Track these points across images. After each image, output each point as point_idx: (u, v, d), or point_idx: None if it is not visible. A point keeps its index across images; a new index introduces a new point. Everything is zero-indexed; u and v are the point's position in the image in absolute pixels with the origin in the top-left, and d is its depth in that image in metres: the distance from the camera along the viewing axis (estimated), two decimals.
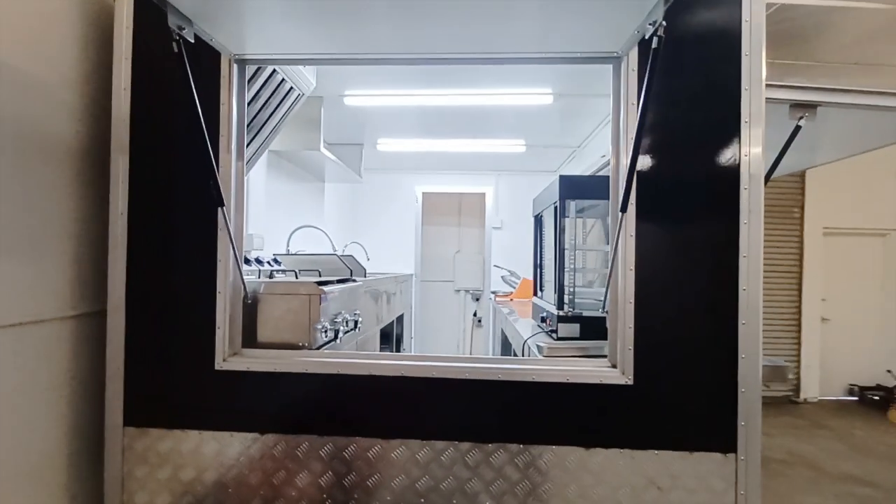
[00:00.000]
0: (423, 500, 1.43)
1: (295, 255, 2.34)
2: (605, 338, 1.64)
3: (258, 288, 1.62)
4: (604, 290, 1.91)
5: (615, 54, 1.36)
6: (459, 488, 1.42)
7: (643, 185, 1.37)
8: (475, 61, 1.52)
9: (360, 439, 1.45)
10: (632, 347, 1.38)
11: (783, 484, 3.57)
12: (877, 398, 5.89)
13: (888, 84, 5.99)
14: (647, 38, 1.09)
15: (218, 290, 1.48)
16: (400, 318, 3.51)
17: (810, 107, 1.67)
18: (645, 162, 1.36)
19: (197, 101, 1.27)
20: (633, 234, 1.38)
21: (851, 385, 6.18)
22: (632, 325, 1.38)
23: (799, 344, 6.08)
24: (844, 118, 2.06)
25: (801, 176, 5.94)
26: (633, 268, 1.38)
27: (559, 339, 1.72)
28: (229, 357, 1.50)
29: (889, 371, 5.98)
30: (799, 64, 5.96)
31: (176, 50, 1.14)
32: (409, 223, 4.93)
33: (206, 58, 1.41)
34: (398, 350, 3.55)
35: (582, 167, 3.33)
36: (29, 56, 1.31)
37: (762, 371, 1.38)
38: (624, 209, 1.33)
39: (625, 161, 1.40)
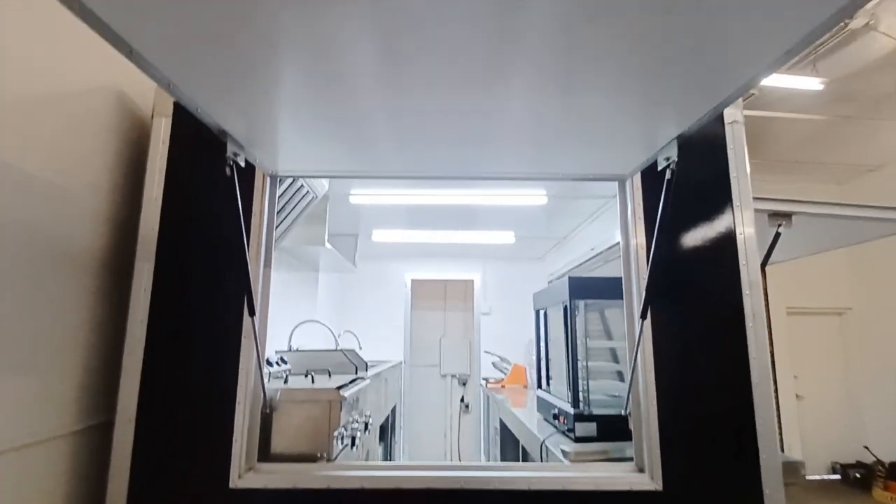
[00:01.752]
0: None
1: (299, 351, 2.30)
2: (622, 438, 1.65)
3: (275, 395, 1.58)
4: (614, 383, 1.95)
5: (623, 176, 1.52)
6: None
7: (657, 291, 1.47)
8: (479, 178, 1.60)
9: None
10: (658, 451, 1.41)
11: None
12: (858, 476, 5.92)
13: (826, 178, 6.63)
14: (659, 169, 1.24)
15: (238, 399, 1.44)
16: (393, 411, 3.40)
17: (786, 216, 1.86)
18: (657, 272, 1.47)
19: (242, 219, 1.32)
20: (651, 337, 1.46)
21: (833, 463, 6.21)
22: (657, 427, 1.42)
23: (779, 422, 6.15)
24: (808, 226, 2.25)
25: None
26: (653, 370, 1.44)
27: (577, 439, 1.72)
28: (245, 473, 1.42)
29: (866, 447, 6.07)
30: (751, 162, 6.47)
31: (229, 174, 1.21)
32: (397, 309, 4.94)
33: (244, 174, 1.48)
34: (391, 444, 3.39)
35: (569, 257, 3.50)
36: (61, 168, 1.35)
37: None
38: (644, 316, 1.41)
39: (634, 268, 1.52)
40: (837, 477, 6.14)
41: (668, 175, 1.21)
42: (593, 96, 1.00)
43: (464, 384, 5.54)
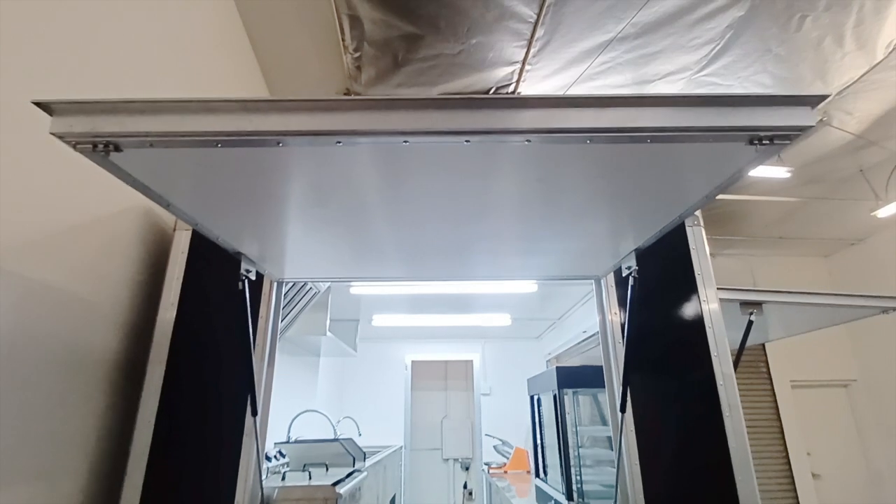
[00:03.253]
0: None
1: (297, 442, 2.33)
2: None
3: (272, 493, 1.62)
4: (612, 471, 1.97)
5: (597, 276, 1.67)
6: None
7: (635, 384, 1.56)
8: (472, 280, 1.78)
9: None
10: None
11: None
12: None
13: (812, 251, 6.82)
14: (623, 276, 1.39)
15: (236, 500, 1.48)
16: (392, 500, 3.31)
17: (756, 304, 1.99)
18: (635, 365, 1.58)
19: (250, 325, 1.45)
20: (633, 429, 1.53)
21: None
22: None
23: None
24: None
25: None
26: (638, 462, 1.50)
27: None
28: None
29: None
30: (735, 238, 6.82)
31: (241, 287, 1.37)
32: (398, 391, 4.92)
33: (254, 283, 1.64)
34: None
35: (564, 338, 3.58)
36: (87, 283, 1.49)
37: None
38: (623, 409, 1.50)
39: (613, 359, 1.62)
40: None
41: (630, 281, 1.36)
42: (566, 220, 1.17)
43: (466, 469, 5.35)
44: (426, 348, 5.11)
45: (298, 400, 3.32)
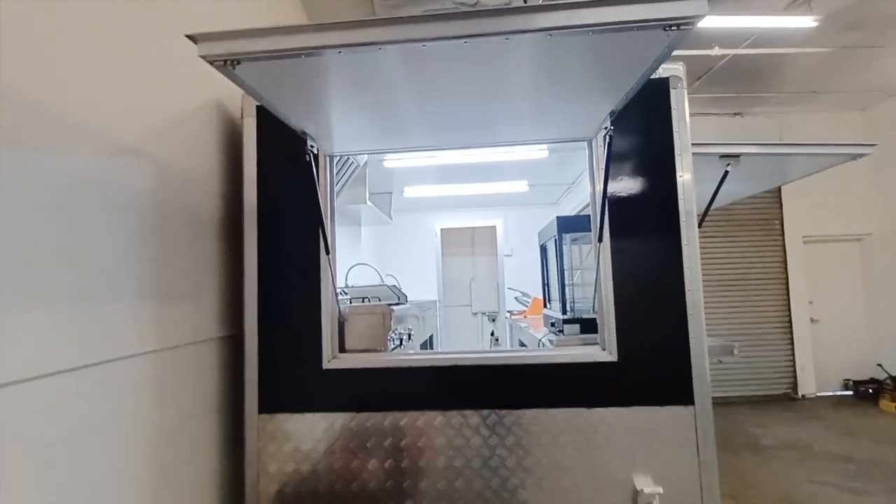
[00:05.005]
0: (473, 459, 2.01)
1: (354, 287, 2.98)
2: (598, 332, 2.25)
3: (345, 311, 2.24)
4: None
5: (589, 138, 2.02)
6: (501, 443, 2.01)
7: (614, 220, 2.00)
8: (491, 146, 2.18)
9: (428, 412, 2.04)
10: (615, 334, 1.99)
11: (775, 464, 4.06)
12: (871, 391, 6.34)
13: (848, 105, 6.72)
14: (602, 136, 1.75)
15: (322, 312, 2.11)
16: (430, 339, 4.11)
17: (734, 156, 2.30)
18: (613, 206, 2.00)
19: (318, 188, 1.93)
20: (609, 255, 2.01)
21: (846, 380, 6.64)
22: (613, 318, 1.99)
23: (792, 344, 6.58)
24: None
25: (777, 190, 6.57)
26: (611, 279, 2.00)
27: (565, 336, 2.32)
28: (331, 360, 2.11)
29: (879, 364, 6.44)
30: (765, 96, 6.73)
31: (308, 159, 1.81)
32: (430, 255, 5.60)
33: (315, 155, 2.09)
34: None
35: (576, 201, 3.99)
36: (188, 160, 1.97)
37: (715, 348, 1.98)
38: (600, 240, 1.96)
39: (598, 207, 2.04)
40: (849, 393, 6.58)
41: (608, 140, 1.73)
42: (563, 87, 1.51)
43: (493, 320, 6.23)
44: (454, 216, 5.65)
45: (348, 261, 3.98)
